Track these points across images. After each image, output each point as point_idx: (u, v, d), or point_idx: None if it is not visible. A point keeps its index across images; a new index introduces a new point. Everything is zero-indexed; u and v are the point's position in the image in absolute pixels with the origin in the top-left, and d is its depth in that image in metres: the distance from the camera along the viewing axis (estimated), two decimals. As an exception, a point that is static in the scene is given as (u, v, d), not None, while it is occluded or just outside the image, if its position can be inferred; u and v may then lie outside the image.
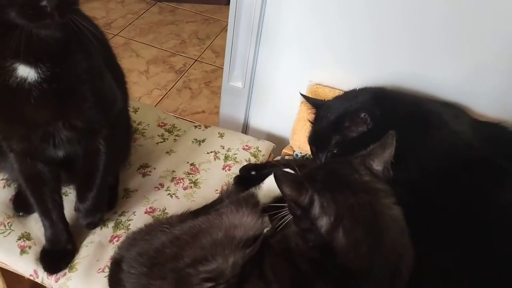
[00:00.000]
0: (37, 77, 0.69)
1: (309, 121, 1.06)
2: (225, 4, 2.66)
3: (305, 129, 1.09)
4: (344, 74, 1.14)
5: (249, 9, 1.14)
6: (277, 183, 0.69)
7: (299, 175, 0.75)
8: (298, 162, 1.10)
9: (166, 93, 2.12)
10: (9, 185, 1.01)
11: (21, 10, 0.60)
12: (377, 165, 0.71)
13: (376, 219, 0.66)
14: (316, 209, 0.66)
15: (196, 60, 2.32)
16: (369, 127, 0.93)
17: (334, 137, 0.97)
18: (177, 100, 2.11)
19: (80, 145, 0.82)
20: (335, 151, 0.97)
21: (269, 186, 0.94)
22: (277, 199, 0.96)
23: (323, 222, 0.66)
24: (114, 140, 0.87)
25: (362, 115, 0.92)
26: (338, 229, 0.65)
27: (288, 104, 1.23)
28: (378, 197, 0.69)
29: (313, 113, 1.06)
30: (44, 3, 0.60)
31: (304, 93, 1.14)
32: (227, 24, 2.55)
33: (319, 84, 1.16)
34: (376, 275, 0.64)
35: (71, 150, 0.82)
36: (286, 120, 1.24)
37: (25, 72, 0.69)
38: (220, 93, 2.15)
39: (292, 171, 0.79)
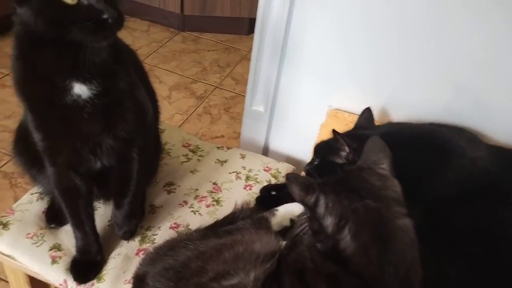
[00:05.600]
0: (90, 94, 0.75)
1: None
2: (245, 34, 2.76)
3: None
4: (363, 100, 1.19)
5: (272, 35, 1.21)
6: (287, 184, 0.72)
7: (310, 179, 0.77)
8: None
9: (187, 118, 2.19)
10: (42, 198, 1.06)
11: (84, 26, 0.66)
12: (387, 166, 0.74)
13: (384, 226, 0.67)
14: (321, 208, 0.68)
15: (216, 87, 2.40)
16: (349, 160, 0.96)
17: (324, 152, 1.02)
18: (197, 124, 2.17)
19: (117, 155, 0.88)
20: (316, 163, 1.02)
21: (283, 215, 0.99)
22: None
23: (328, 222, 0.68)
24: (146, 150, 0.93)
25: (347, 149, 0.96)
26: (343, 231, 0.67)
27: (308, 128, 1.28)
28: (388, 205, 0.70)
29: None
30: (105, 16, 0.65)
31: (324, 118, 1.19)
32: (246, 53, 2.66)
33: (339, 109, 1.21)
34: (388, 284, 0.65)
35: (109, 161, 0.88)
36: (305, 143, 1.29)
37: (80, 89, 0.74)
38: (240, 119, 2.23)
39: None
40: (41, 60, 0.73)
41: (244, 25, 2.73)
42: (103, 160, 0.88)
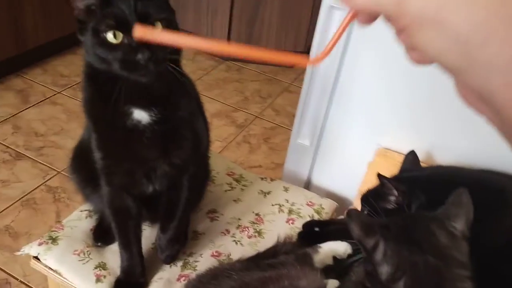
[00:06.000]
0: (150, 120, 0.78)
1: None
2: (288, 67, 2.80)
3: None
4: (413, 140, 1.17)
5: (324, 71, 1.22)
6: (348, 221, 0.70)
7: (373, 219, 0.76)
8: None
9: (226, 145, 2.22)
10: (91, 216, 1.08)
11: (122, 63, 0.69)
12: (461, 226, 0.71)
13: (440, 286, 0.65)
14: (378, 254, 0.66)
15: (257, 116, 2.43)
16: (399, 205, 0.94)
17: (372, 199, 0.99)
18: (236, 152, 2.19)
19: (169, 181, 0.89)
20: (365, 213, 0.99)
21: (326, 253, 0.97)
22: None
23: (384, 270, 0.66)
24: (196, 177, 0.95)
25: (395, 192, 0.94)
26: (398, 283, 0.65)
27: (354, 165, 1.26)
28: (449, 265, 0.67)
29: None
30: (138, 57, 0.68)
31: (372, 156, 1.17)
32: (288, 85, 2.69)
33: (388, 149, 1.20)
34: None
35: (161, 186, 0.89)
36: (350, 181, 1.27)
37: (140, 115, 0.77)
38: (279, 150, 2.24)
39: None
40: (102, 86, 0.76)
41: (288, 58, 2.77)
42: (155, 184, 0.90)
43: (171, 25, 0.72)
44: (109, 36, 0.68)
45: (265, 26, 2.64)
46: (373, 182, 1.11)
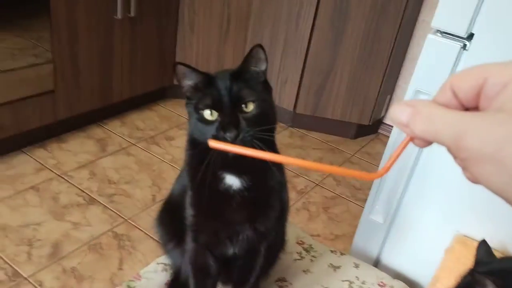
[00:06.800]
0: (241, 186, 0.83)
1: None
2: (351, 138, 2.83)
3: (452, 279, 1.07)
4: (495, 229, 1.13)
5: (405, 151, 1.23)
6: None
7: None
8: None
9: (286, 210, 2.22)
10: (166, 270, 1.11)
11: (213, 138, 0.77)
12: None
13: None
14: None
15: (317, 184, 2.44)
16: None
17: None
18: (295, 219, 2.19)
19: (249, 246, 0.92)
20: None
21: None
22: None
23: None
24: (273, 246, 0.97)
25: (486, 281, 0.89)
26: None
27: (429, 249, 1.23)
28: None
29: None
30: (227, 135, 0.75)
31: (449, 242, 1.14)
32: (350, 156, 2.70)
33: (467, 236, 1.16)
34: None
35: (240, 250, 0.92)
36: (424, 265, 1.23)
37: (231, 181, 0.83)
38: (338, 221, 2.21)
39: None
40: (200, 151, 0.83)
41: (351, 129, 2.81)
42: (236, 248, 0.92)
43: (262, 105, 0.79)
44: (206, 113, 0.77)
45: (332, 97, 2.71)
46: (451, 269, 1.07)
